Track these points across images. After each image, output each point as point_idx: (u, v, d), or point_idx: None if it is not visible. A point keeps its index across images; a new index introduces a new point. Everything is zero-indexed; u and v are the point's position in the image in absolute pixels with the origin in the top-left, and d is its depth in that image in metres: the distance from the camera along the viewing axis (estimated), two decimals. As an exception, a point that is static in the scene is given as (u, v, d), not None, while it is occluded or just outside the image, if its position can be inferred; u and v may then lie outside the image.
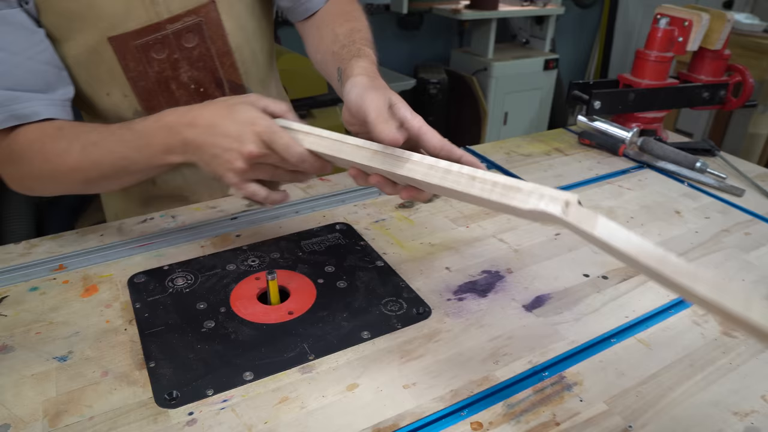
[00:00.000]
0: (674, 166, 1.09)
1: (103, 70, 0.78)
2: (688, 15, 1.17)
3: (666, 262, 0.42)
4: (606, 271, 0.77)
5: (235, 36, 0.84)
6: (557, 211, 0.49)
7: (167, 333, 0.63)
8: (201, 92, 0.84)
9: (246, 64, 0.87)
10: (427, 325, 0.66)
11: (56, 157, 0.71)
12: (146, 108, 0.82)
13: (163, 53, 0.79)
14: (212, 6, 0.80)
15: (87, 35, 0.74)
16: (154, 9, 0.76)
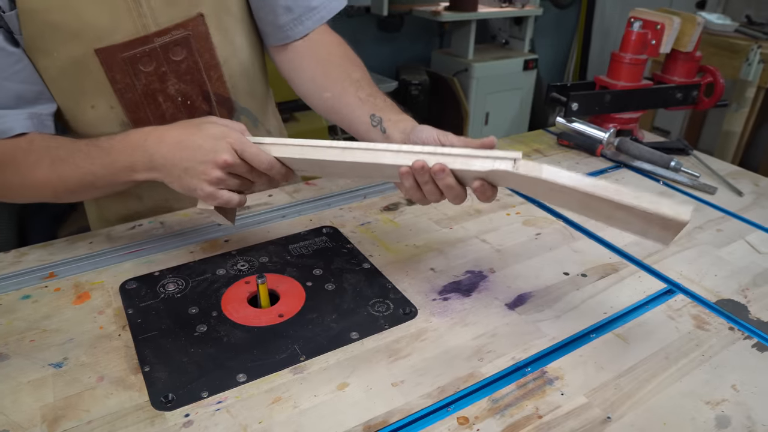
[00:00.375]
0: (650, 166, 1.12)
1: (89, 82, 0.78)
2: (661, 18, 1.21)
3: (598, 186, 0.58)
4: (585, 269, 0.80)
5: (223, 49, 0.85)
6: (509, 167, 0.61)
7: (161, 338, 0.65)
8: (188, 105, 0.86)
9: (234, 77, 0.88)
10: (413, 324, 0.68)
11: (26, 171, 0.73)
12: (133, 120, 0.82)
13: (150, 66, 0.80)
14: (200, 19, 0.81)
15: (73, 47, 0.75)
16: (141, 21, 0.77)
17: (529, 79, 3.40)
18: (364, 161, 0.66)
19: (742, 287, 0.78)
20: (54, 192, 0.75)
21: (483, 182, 0.63)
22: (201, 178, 0.66)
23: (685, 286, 0.78)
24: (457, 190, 0.64)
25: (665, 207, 0.56)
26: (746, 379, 0.62)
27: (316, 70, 0.87)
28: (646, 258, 0.84)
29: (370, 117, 0.78)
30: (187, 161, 0.66)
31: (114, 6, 0.74)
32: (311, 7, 0.87)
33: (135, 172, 0.70)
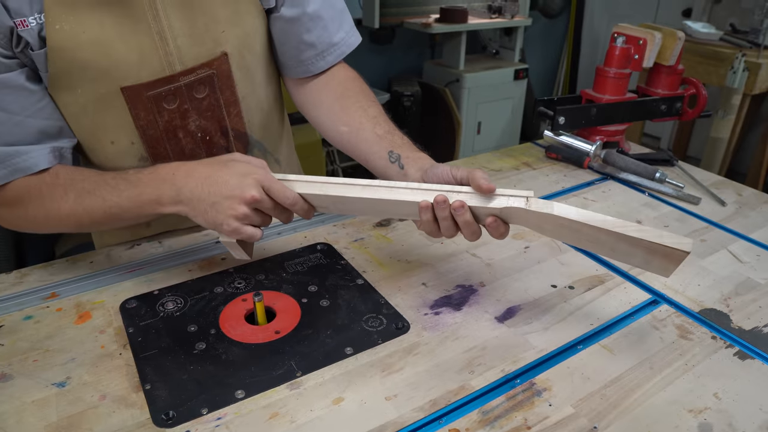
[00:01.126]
0: (636, 177, 1.15)
1: (111, 119, 0.80)
2: (643, 34, 1.24)
3: (606, 221, 0.64)
4: (572, 281, 0.83)
5: (243, 86, 0.87)
6: (522, 205, 0.66)
7: (161, 356, 0.67)
8: (207, 140, 0.87)
9: (250, 112, 0.90)
10: (406, 339, 0.70)
11: (52, 204, 0.74)
12: (152, 155, 0.84)
13: (174, 104, 0.81)
14: (224, 58, 0.83)
15: (99, 84, 0.76)
16: (168, 60, 0.78)
17: (520, 88, 3.44)
18: (384, 198, 0.69)
19: (725, 296, 0.81)
20: (78, 223, 0.76)
21: (496, 218, 0.67)
22: (227, 213, 0.68)
23: (669, 297, 0.80)
24: (474, 227, 0.68)
25: (667, 239, 0.62)
26: (728, 387, 0.65)
27: (333, 104, 0.89)
28: (632, 269, 0.86)
29: (389, 153, 0.81)
30: (214, 196, 0.68)
31: (142, 45, 0.76)
32: (333, 43, 0.91)
33: (161, 205, 0.71)
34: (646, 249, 0.64)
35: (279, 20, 0.88)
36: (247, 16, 0.83)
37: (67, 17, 0.70)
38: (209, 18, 0.79)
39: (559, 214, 0.65)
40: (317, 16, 0.88)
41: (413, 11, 3.21)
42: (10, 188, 0.75)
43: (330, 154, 3.03)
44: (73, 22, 0.71)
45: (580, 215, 0.65)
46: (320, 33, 0.89)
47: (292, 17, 0.87)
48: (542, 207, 0.66)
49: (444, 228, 0.69)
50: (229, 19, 0.81)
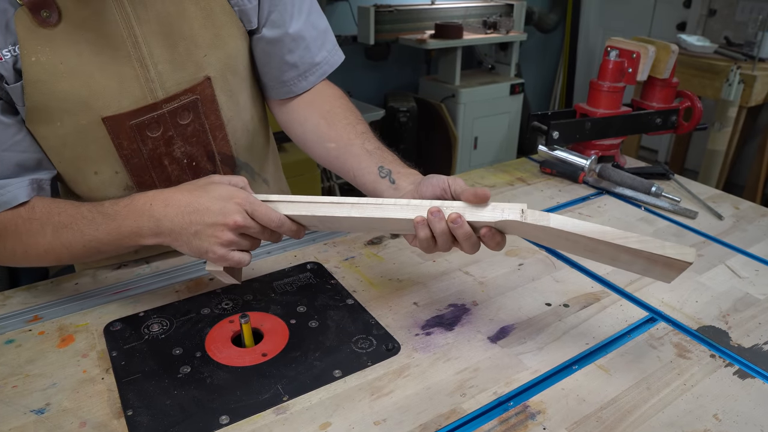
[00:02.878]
0: (631, 192, 1.14)
1: (94, 149, 0.78)
2: (636, 47, 1.24)
3: (605, 232, 0.63)
4: (567, 299, 0.81)
5: (227, 110, 0.86)
6: (517, 217, 0.64)
7: (144, 380, 0.65)
8: (193, 166, 0.86)
9: (236, 134, 0.89)
10: (396, 360, 0.68)
11: (29, 239, 0.72)
12: (137, 183, 0.82)
13: (158, 131, 0.80)
14: (207, 83, 0.81)
15: (79, 116, 0.74)
16: (149, 86, 0.77)
17: (516, 103, 3.45)
18: (376, 216, 0.67)
19: (723, 313, 0.79)
20: (58, 258, 0.73)
21: (490, 229, 0.65)
22: (212, 241, 0.66)
23: (666, 314, 0.79)
24: (474, 238, 0.66)
25: (670, 249, 0.61)
26: (728, 408, 0.63)
27: (319, 121, 0.88)
28: (628, 286, 0.85)
29: (379, 168, 0.79)
30: (196, 225, 0.66)
31: (122, 73, 0.74)
32: (315, 63, 0.89)
33: (141, 237, 0.69)
34: (647, 259, 0.62)
35: (261, 41, 0.87)
36: (229, 38, 0.82)
37: (43, 48, 0.69)
38: (190, 42, 0.78)
39: (556, 227, 0.63)
40: (299, 37, 0.87)
41: (408, 27, 3.22)
42: None
43: (325, 171, 3.02)
44: (49, 53, 0.69)
45: (577, 227, 0.63)
46: (302, 54, 0.88)
47: (273, 38, 0.86)
48: (538, 219, 0.64)
49: (441, 242, 0.66)
50: (211, 42, 0.80)
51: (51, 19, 0.68)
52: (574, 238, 0.64)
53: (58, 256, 0.73)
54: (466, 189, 0.68)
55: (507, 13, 3.45)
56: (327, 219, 0.69)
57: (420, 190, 0.73)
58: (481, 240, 0.67)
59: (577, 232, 0.63)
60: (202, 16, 0.78)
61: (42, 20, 0.68)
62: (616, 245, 0.62)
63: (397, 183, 0.77)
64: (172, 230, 0.67)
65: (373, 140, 0.85)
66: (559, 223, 0.63)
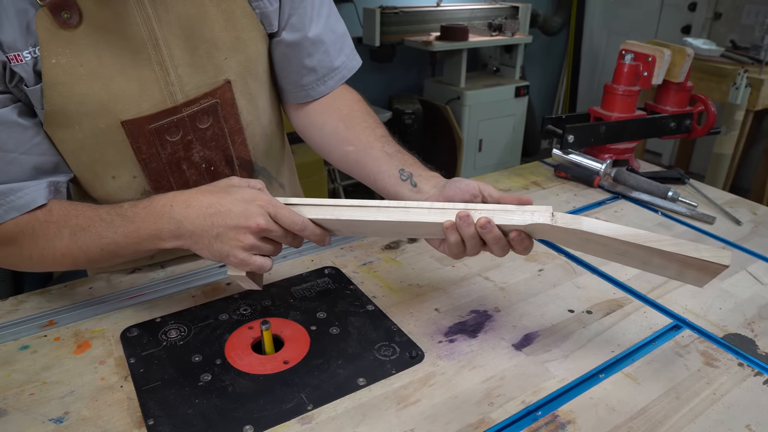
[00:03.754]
0: (648, 196, 1.13)
1: (112, 154, 0.76)
2: (651, 51, 1.23)
3: (638, 235, 0.61)
4: (590, 306, 0.80)
5: (247, 114, 0.85)
6: (548, 220, 0.63)
7: (164, 388, 0.64)
8: (211, 171, 0.84)
9: (255, 138, 0.88)
10: (421, 368, 0.67)
11: (46, 242, 0.70)
12: (155, 188, 0.81)
13: (177, 135, 0.78)
14: (227, 86, 0.80)
15: (98, 119, 0.73)
16: (169, 90, 0.76)
17: (521, 105, 3.44)
18: (403, 220, 0.66)
19: (748, 320, 0.78)
20: (75, 262, 0.71)
21: (520, 233, 0.64)
22: (233, 245, 0.64)
23: (691, 321, 0.77)
24: (503, 242, 0.65)
25: (705, 252, 0.60)
26: (761, 418, 0.62)
27: (338, 125, 0.86)
28: (650, 292, 0.83)
29: (399, 171, 0.78)
30: (218, 227, 0.64)
31: (142, 76, 0.73)
32: (333, 68, 0.88)
33: (161, 240, 0.67)
34: (681, 263, 0.61)
35: (280, 45, 0.86)
36: (249, 41, 0.81)
37: (63, 51, 0.67)
38: (210, 45, 0.77)
39: (588, 230, 0.62)
40: (319, 41, 0.86)
41: (414, 29, 3.22)
42: (3, 227, 0.71)
43: (331, 173, 3.01)
44: (69, 55, 0.68)
45: (610, 230, 0.61)
46: (321, 57, 0.87)
47: (293, 42, 0.85)
48: (570, 222, 0.63)
49: (470, 247, 0.65)
50: (232, 45, 0.79)
51: (71, 20, 0.67)
52: (606, 242, 0.62)
53: (74, 260, 0.71)
54: (502, 195, 0.67)
55: (512, 16, 3.44)
56: (351, 223, 0.68)
57: (446, 194, 0.72)
58: (509, 244, 0.66)
59: (609, 235, 0.61)
60: (223, 19, 0.77)
61: (62, 22, 0.66)
62: (650, 248, 0.60)
63: (419, 186, 0.76)
64: (193, 232, 0.65)
65: (392, 143, 0.83)
66: (591, 226, 0.62)
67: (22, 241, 0.71)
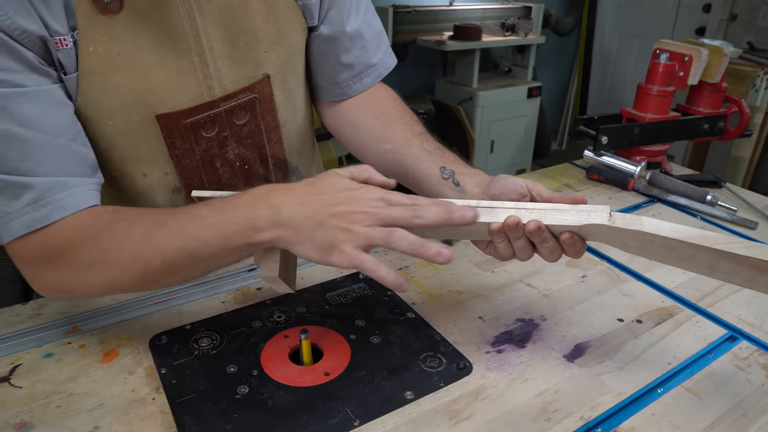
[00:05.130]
0: (685, 200, 1.09)
1: (145, 150, 0.72)
2: (688, 50, 1.19)
3: (706, 237, 0.56)
4: (639, 315, 0.76)
5: (284, 111, 0.81)
6: (605, 221, 0.58)
7: (199, 401, 0.60)
8: (245, 169, 0.80)
9: (291, 137, 0.84)
10: (470, 381, 0.63)
11: (112, 242, 0.60)
12: (186, 185, 0.77)
13: (212, 131, 0.74)
14: (266, 81, 0.77)
15: (133, 112, 0.69)
16: (207, 83, 0.72)
17: (533, 106, 3.41)
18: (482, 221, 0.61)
19: (806, 331, 0.74)
20: (145, 268, 0.59)
21: (573, 235, 0.60)
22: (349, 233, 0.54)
23: (747, 332, 0.74)
24: (553, 245, 0.61)
25: None
26: (834, 437, 0.58)
27: (374, 122, 0.83)
28: (700, 301, 0.80)
29: (440, 169, 0.74)
30: (328, 211, 0.54)
31: (180, 67, 0.69)
32: (370, 64, 0.85)
33: (256, 230, 0.56)
34: (754, 267, 0.56)
35: (317, 39, 0.82)
36: (291, 34, 0.77)
37: (101, 38, 0.63)
38: (251, 37, 0.73)
39: (650, 231, 0.57)
40: (356, 36, 0.83)
41: (426, 28, 3.18)
42: (48, 236, 0.59)
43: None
44: (107, 43, 0.64)
45: (676, 232, 0.57)
46: (358, 54, 0.84)
47: (330, 36, 0.82)
48: (629, 223, 0.58)
49: (519, 250, 0.61)
50: (272, 38, 0.75)
51: (112, 5, 0.63)
52: (672, 244, 0.58)
53: (146, 263, 0.59)
54: (552, 195, 0.63)
55: (525, 16, 3.41)
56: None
57: (492, 193, 0.68)
58: (560, 246, 0.61)
59: (675, 237, 0.57)
60: (265, 10, 0.74)
61: (103, 6, 0.62)
62: (720, 251, 0.56)
63: (461, 185, 0.73)
64: (293, 218, 0.55)
65: (431, 140, 0.80)
66: (654, 227, 0.57)
67: (80, 246, 0.60)
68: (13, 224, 0.58)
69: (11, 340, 0.70)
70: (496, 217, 0.60)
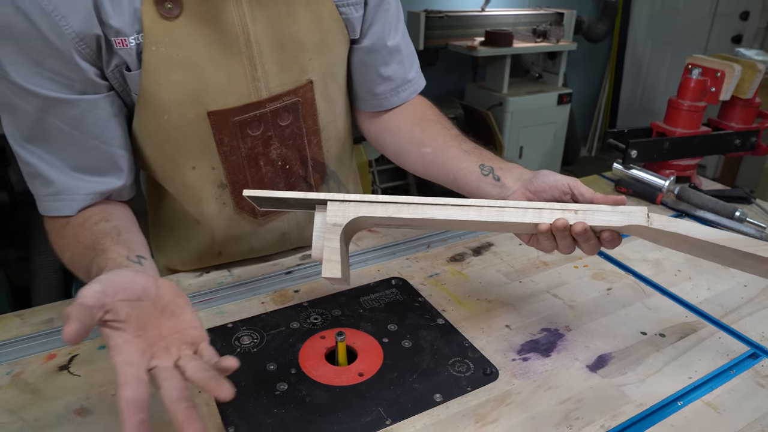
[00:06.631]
0: (713, 215, 1.10)
1: (195, 144, 0.78)
2: (720, 66, 1.20)
3: (735, 241, 0.62)
4: (662, 329, 0.78)
5: (324, 115, 0.86)
6: (643, 222, 0.64)
7: (242, 396, 0.64)
8: (286, 169, 0.85)
9: (330, 141, 0.89)
10: (496, 386, 0.67)
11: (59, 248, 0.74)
12: (231, 181, 0.82)
13: (258, 130, 0.80)
14: (309, 86, 0.82)
15: (187, 108, 0.75)
16: (255, 85, 0.77)
17: (563, 113, 3.40)
18: (497, 220, 0.66)
19: (829, 351, 0.76)
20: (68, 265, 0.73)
21: (613, 233, 0.65)
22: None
23: (769, 349, 0.75)
24: (595, 242, 0.66)
25: None
26: None
27: (413, 128, 0.88)
28: (724, 317, 0.81)
29: (480, 167, 0.79)
30: None
31: (232, 69, 0.75)
32: (407, 79, 0.91)
33: None
34: None
35: (359, 51, 0.87)
36: (333, 44, 0.82)
37: (163, 39, 0.70)
38: (297, 44, 0.78)
39: (685, 233, 0.63)
40: (396, 50, 0.88)
41: (458, 34, 3.20)
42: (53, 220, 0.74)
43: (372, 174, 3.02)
44: (168, 44, 0.70)
45: (708, 235, 0.63)
46: (397, 68, 0.89)
47: (372, 49, 0.87)
48: (666, 225, 0.64)
49: (563, 246, 0.67)
50: (317, 46, 0.80)
51: (173, 11, 0.69)
52: (701, 244, 0.64)
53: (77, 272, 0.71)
54: (594, 195, 0.67)
55: (557, 22, 3.41)
56: (431, 221, 0.67)
57: (534, 189, 0.72)
58: (600, 241, 0.67)
59: (707, 239, 0.63)
60: (311, 20, 0.79)
61: (165, 12, 0.69)
62: (745, 252, 0.62)
63: (502, 180, 0.77)
64: None
65: (468, 141, 0.85)
66: (689, 230, 0.63)
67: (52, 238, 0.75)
68: (43, 205, 0.74)
69: (68, 332, 0.75)
70: (543, 218, 0.65)
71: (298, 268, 0.90)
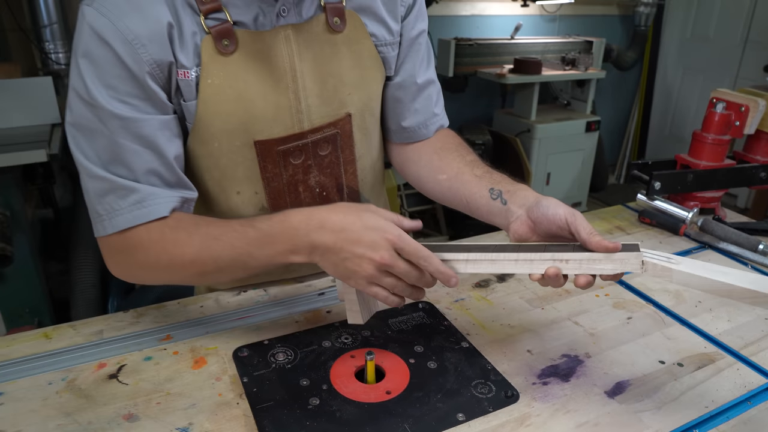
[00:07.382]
0: (736, 248, 1.12)
1: (241, 170, 0.84)
2: (745, 101, 1.23)
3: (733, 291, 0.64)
4: (681, 358, 0.81)
5: (361, 146, 0.92)
6: (637, 270, 0.67)
7: (277, 408, 0.69)
8: (323, 196, 0.91)
9: (364, 171, 0.95)
10: (516, 409, 0.70)
11: (175, 248, 0.74)
12: (272, 206, 0.88)
13: (299, 159, 0.86)
14: (348, 119, 0.88)
15: (236, 137, 0.81)
16: (298, 117, 0.83)
17: (591, 140, 3.42)
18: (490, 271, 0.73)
19: None
20: (202, 271, 0.75)
21: (588, 277, 0.69)
22: (356, 272, 0.69)
23: (787, 382, 0.77)
24: (590, 281, 0.69)
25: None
26: None
27: (432, 156, 0.94)
28: (743, 349, 0.83)
29: (489, 191, 0.83)
30: (345, 252, 0.68)
31: (279, 102, 0.81)
32: (434, 114, 0.97)
33: (294, 254, 0.71)
34: None
35: (391, 87, 0.93)
36: (372, 81, 0.88)
37: (218, 73, 0.76)
38: (338, 80, 0.84)
39: (677, 281, 0.67)
40: (425, 87, 0.95)
41: (487, 61, 3.26)
42: (131, 233, 0.75)
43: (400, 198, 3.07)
44: (222, 77, 0.77)
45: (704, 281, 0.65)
46: (425, 103, 0.96)
47: (402, 84, 0.93)
48: (660, 273, 0.67)
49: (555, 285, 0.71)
50: (356, 83, 0.86)
51: (229, 47, 0.76)
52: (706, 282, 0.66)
53: (202, 267, 0.75)
54: (591, 234, 0.69)
55: (586, 50, 3.44)
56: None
57: (535, 218, 0.76)
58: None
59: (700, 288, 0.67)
60: (352, 59, 0.85)
61: (222, 48, 0.76)
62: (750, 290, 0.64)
63: (508, 204, 0.81)
64: (324, 253, 0.70)
65: (481, 165, 0.89)
66: (681, 279, 0.67)
67: (149, 247, 0.75)
68: (119, 219, 0.74)
69: (117, 343, 0.81)
70: (534, 268, 0.69)
71: (330, 290, 0.95)
